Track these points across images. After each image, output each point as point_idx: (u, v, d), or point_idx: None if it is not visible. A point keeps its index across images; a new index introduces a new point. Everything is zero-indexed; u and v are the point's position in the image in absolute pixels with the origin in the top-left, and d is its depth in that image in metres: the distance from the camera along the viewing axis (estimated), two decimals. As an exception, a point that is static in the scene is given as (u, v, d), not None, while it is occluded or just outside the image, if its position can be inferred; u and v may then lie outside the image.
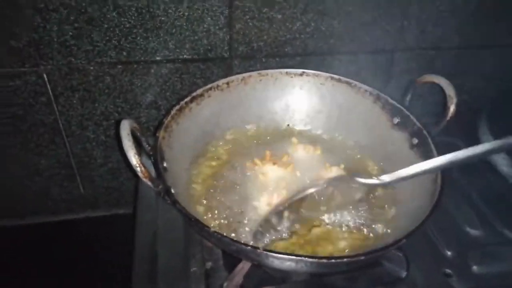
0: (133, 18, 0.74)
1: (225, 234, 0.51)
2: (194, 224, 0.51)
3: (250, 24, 0.79)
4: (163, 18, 0.75)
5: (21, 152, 0.87)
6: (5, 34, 0.72)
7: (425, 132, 0.67)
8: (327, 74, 0.77)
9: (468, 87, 0.96)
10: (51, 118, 0.83)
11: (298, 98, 0.79)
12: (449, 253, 0.68)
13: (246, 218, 0.63)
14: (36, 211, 0.97)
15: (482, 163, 0.81)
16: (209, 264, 0.64)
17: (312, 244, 0.60)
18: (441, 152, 0.63)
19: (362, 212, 0.65)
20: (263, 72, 0.77)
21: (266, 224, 0.60)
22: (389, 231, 0.62)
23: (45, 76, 0.78)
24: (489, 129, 0.83)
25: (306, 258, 0.49)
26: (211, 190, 0.67)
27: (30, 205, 0.96)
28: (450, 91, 0.66)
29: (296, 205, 0.61)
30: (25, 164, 0.89)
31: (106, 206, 1.00)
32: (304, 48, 0.84)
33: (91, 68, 0.78)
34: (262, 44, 0.82)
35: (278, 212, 0.60)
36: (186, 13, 0.76)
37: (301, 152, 0.72)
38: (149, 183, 0.52)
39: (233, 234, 0.60)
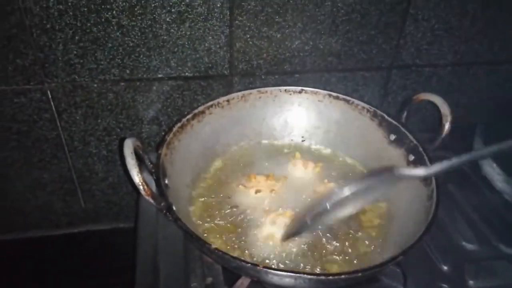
0: (136, 37, 0.76)
1: (225, 251, 0.52)
2: (195, 242, 0.52)
3: (250, 42, 0.82)
4: (165, 37, 0.78)
5: (24, 167, 0.88)
6: (12, 53, 0.74)
7: (421, 149, 0.68)
8: (325, 92, 0.79)
9: (463, 103, 0.98)
10: (54, 134, 0.85)
11: (297, 115, 0.81)
12: (445, 267, 0.69)
13: (248, 233, 0.64)
14: (38, 225, 0.98)
15: (477, 178, 0.83)
16: (209, 280, 0.65)
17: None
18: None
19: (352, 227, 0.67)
20: (263, 89, 0.79)
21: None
22: (383, 246, 0.64)
23: (49, 93, 0.79)
24: (484, 143, 0.85)
25: (305, 275, 0.50)
26: (212, 206, 0.68)
27: (32, 219, 0.97)
28: (445, 109, 0.68)
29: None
30: (28, 179, 0.90)
31: (106, 220, 1.01)
32: (302, 66, 0.86)
33: (95, 85, 0.80)
34: (262, 62, 0.84)
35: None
36: (188, 33, 0.78)
37: (299, 168, 0.73)
38: (152, 200, 0.54)
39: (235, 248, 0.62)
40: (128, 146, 0.54)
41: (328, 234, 0.65)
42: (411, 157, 0.70)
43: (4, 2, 0.69)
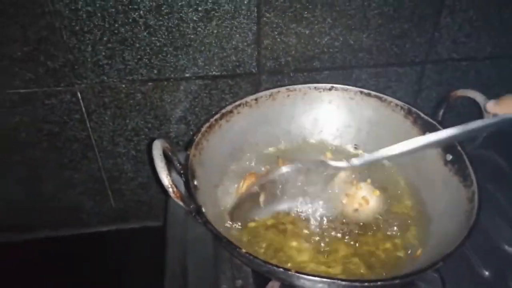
0: (164, 37, 0.76)
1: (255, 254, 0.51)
2: (226, 245, 0.51)
3: (278, 39, 0.80)
4: (192, 36, 0.77)
5: (55, 167, 0.90)
6: (43, 55, 0.75)
7: (459, 148, 0.65)
8: (356, 89, 0.76)
9: (503, 98, 0.93)
10: (84, 134, 0.86)
11: (327, 113, 0.78)
12: (486, 273, 0.65)
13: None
14: (68, 224, 1.00)
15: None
16: (239, 282, 0.64)
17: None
18: (476, 168, 0.62)
19: (394, 226, 0.64)
20: (291, 87, 0.77)
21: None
22: (421, 249, 0.61)
23: (79, 94, 0.80)
24: (526, 141, 0.80)
25: (339, 281, 0.48)
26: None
27: (63, 217, 0.99)
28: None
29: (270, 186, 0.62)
30: (59, 179, 0.92)
31: (136, 219, 1.02)
32: (332, 62, 0.84)
33: (123, 86, 0.81)
34: (290, 59, 0.82)
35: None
36: (215, 31, 0.77)
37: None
38: (181, 203, 0.53)
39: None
40: (157, 148, 0.53)
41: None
42: (449, 157, 0.66)
43: (34, 5, 0.70)
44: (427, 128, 0.70)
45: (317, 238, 0.62)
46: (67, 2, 0.70)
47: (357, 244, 0.62)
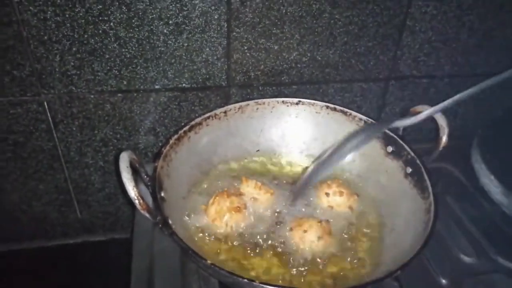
0: (134, 49, 0.76)
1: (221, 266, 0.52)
2: (192, 256, 0.52)
3: (248, 54, 0.82)
4: (162, 49, 0.78)
5: (20, 178, 0.88)
6: (9, 64, 0.73)
7: (418, 161, 0.68)
8: (323, 103, 0.79)
9: (460, 114, 0.99)
10: (51, 145, 0.84)
11: (294, 126, 0.81)
12: (444, 281, 0.68)
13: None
14: (33, 236, 0.98)
15: (476, 190, 0.83)
16: (206, 294, 0.64)
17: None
18: (434, 181, 0.65)
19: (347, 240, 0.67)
20: (260, 101, 0.79)
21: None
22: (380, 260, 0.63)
23: (45, 104, 0.79)
24: (481, 154, 0.84)
25: (302, 291, 0.49)
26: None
27: (27, 230, 0.96)
28: (442, 121, 0.68)
29: None
30: (23, 190, 0.90)
31: (102, 230, 1.01)
32: (300, 77, 0.87)
33: (92, 96, 0.80)
34: (259, 73, 0.84)
35: None
36: (186, 44, 0.78)
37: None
38: (147, 215, 0.53)
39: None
40: (124, 160, 0.54)
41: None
42: (409, 170, 0.69)
43: (1, 13, 0.69)
44: (389, 142, 0.74)
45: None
46: (35, 11, 0.70)
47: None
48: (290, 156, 0.81)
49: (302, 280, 0.60)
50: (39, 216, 0.95)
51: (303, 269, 0.61)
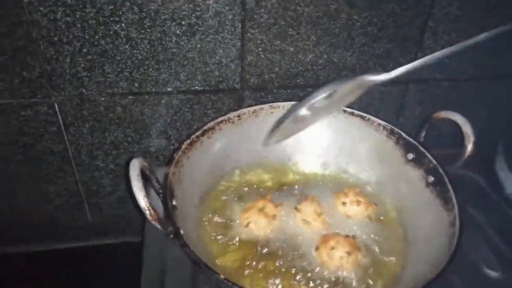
0: (145, 50, 0.74)
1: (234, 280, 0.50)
2: (204, 270, 0.50)
3: (262, 56, 0.79)
4: (175, 50, 0.75)
5: (30, 180, 0.87)
6: (19, 65, 0.72)
7: (441, 170, 0.65)
8: (340, 107, 0.76)
9: (484, 119, 0.94)
10: (61, 147, 0.83)
11: (310, 131, 0.77)
12: (467, 296, 0.65)
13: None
14: (44, 239, 0.97)
15: (500, 199, 0.79)
16: (217, 305, 0.62)
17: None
18: (458, 191, 0.62)
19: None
20: (275, 104, 0.76)
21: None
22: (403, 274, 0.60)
23: (56, 106, 0.78)
24: (506, 161, 0.81)
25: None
26: (222, 227, 0.65)
27: (38, 232, 0.96)
28: (467, 129, 0.64)
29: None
30: (34, 192, 0.89)
31: (113, 234, 0.99)
32: (316, 80, 0.84)
33: (102, 98, 0.78)
34: (274, 76, 0.82)
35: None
36: (198, 45, 0.76)
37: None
38: (158, 226, 0.51)
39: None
40: (134, 168, 0.52)
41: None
42: (431, 179, 0.66)
43: (11, 14, 0.67)
44: (409, 148, 0.71)
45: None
46: (45, 12, 0.68)
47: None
48: (306, 163, 0.78)
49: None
50: (50, 219, 0.94)
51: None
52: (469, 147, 0.64)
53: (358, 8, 0.77)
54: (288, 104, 0.77)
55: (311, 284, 0.58)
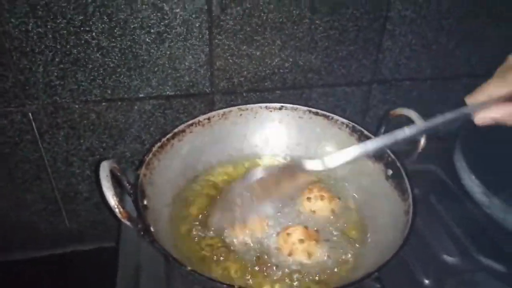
0: (117, 58, 0.77)
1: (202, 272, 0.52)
2: (173, 263, 0.52)
3: (230, 60, 0.83)
4: (145, 57, 0.78)
5: (7, 188, 0.88)
6: (-9, 76, 0.74)
7: (398, 164, 0.69)
8: (305, 108, 0.80)
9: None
10: (37, 155, 0.85)
11: (277, 131, 0.81)
12: (426, 281, 0.69)
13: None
14: (22, 246, 0.98)
15: (459, 189, 0.84)
16: (191, 300, 0.65)
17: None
18: (413, 182, 0.66)
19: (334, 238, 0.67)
20: (243, 107, 0.80)
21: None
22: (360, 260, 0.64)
23: (30, 115, 0.80)
24: (464, 154, 0.85)
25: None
26: (195, 225, 0.68)
27: (16, 240, 0.96)
28: (420, 124, 0.68)
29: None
30: (11, 200, 0.90)
31: (91, 239, 1.01)
32: (283, 83, 0.88)
33: (76, 106, 0.81)
34: (243, 80, 0.85)
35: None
36: (168, 52, 0.79)
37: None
38: (128, 223, 0.54)
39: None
40: (104, 169, 0.54)
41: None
42: (389, 172, 0.70)
43: (-18, 26, 0.69)
44: (370, 144, 0.74)
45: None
46: (16, 23, 0.70)
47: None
48: (273, 161, 0.82)
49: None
50: (28, 226, 0.95)
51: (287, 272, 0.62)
52: (422, 140, 0.68)
53: (319, 13, 0.81)
54: (256, 106, 0.80)
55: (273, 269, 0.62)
